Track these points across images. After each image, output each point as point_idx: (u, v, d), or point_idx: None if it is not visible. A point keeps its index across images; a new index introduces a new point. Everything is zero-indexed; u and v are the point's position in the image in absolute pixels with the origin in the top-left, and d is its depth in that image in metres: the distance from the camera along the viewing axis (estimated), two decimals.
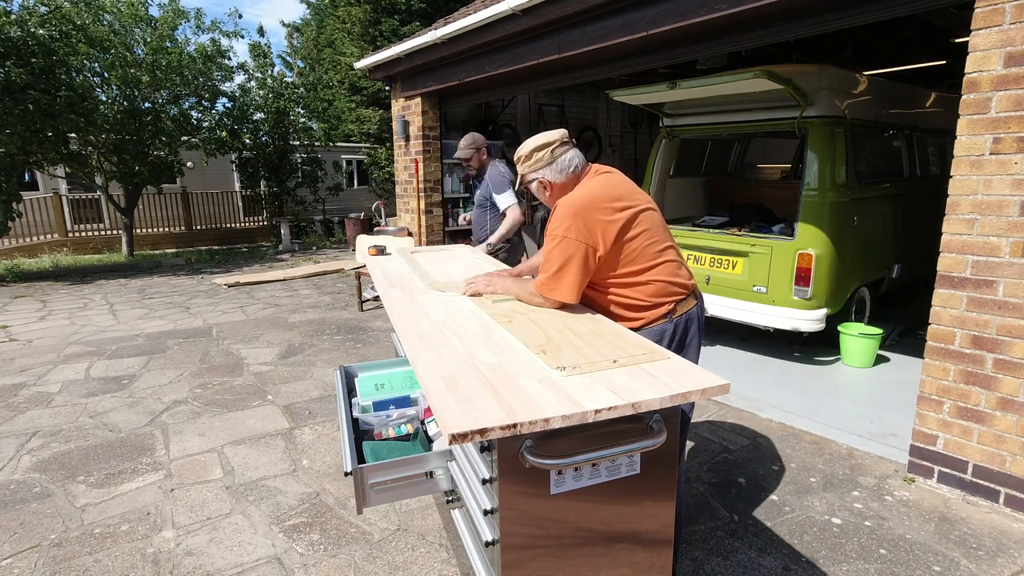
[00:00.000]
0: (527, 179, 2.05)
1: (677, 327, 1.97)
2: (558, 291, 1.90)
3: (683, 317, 1.97)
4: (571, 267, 1.86)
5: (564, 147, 1.99)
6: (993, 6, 2.41)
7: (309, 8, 16.55)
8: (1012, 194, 2.42)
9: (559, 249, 1.86)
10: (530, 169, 2.01)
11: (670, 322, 1.96)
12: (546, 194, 2.04)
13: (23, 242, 11.52)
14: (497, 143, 7.72)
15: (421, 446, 1.88)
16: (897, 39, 5.92)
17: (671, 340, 1.95)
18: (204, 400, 3.96)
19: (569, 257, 1.85)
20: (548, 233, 1.90)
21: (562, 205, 1.90)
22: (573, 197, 1.91)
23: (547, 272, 1.90)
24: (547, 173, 1.99)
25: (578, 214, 1.86)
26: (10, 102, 7.69)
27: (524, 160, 2.03)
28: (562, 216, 1.87)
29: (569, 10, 4.20)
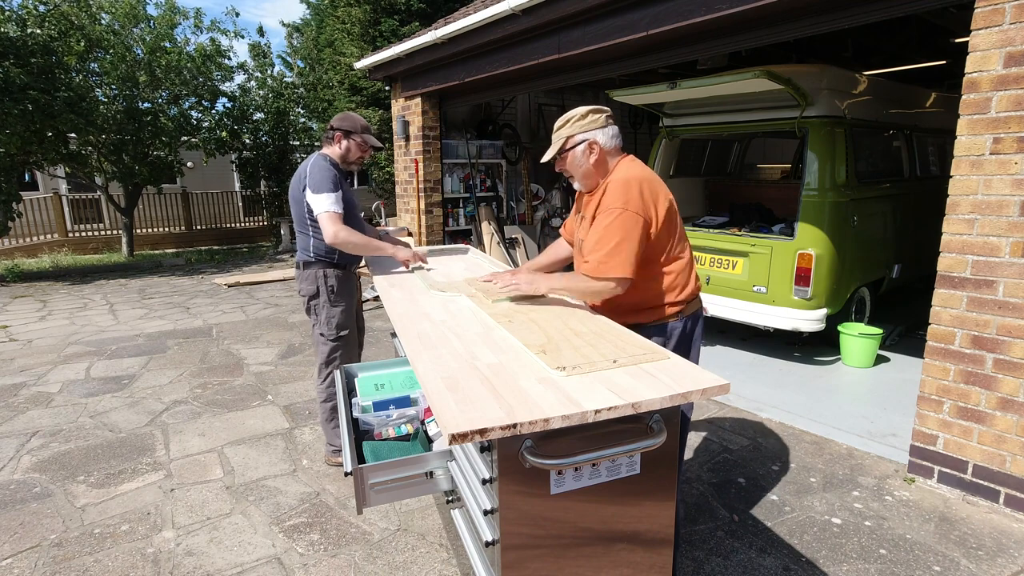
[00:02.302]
0: (575, 139, 1.94)
1: (687, 325, 1.97)
2: (615, 267, 1.81)
3: (692, 316, 1.98)
4: (629, 240, 1.80)
5: (613, 120, 2.00)
6: (993, 6, 2.40)
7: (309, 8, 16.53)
8: (1012, 194, 2.42)
9: (618, 222, 1.80)
10: (583, 128, 1.92)
11: (680, 320, 1.96)
12: (590, 159, 1.94)
13: (23, 242, 11.52)
14: (497, 143, 7.73)
15: (421, 446, 1.88)
16: (897, 39, 5.92)
17: (680, 338, 1.96)
18: (204, 400, 3.96)
19: (628, 231, 1.80)
20: (604, 209, 1.83)
21: (619, 180, 1.87)
22: (630, 173, 1.89)
23: (603, 249, 1.81)
24: (600, 135, 1.93)
25: (637, 187, 1.84)
26: (9, 102, 7.69)
27: (577, 120, 1.93)
28: (620, 190, 1.84)
29: (569, 10, 4.19)
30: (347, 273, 2.88)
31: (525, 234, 7.57)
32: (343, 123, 2.82)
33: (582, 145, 1.94)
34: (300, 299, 2.92)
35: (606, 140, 1.94)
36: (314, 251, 2.79)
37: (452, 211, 7.47)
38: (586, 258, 1.87)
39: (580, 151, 1.95)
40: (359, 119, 2.86)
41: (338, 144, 2.82)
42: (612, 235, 1.80)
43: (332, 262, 2.81)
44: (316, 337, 2.89)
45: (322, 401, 2.95)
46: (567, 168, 2.00)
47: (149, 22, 10.31)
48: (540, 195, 8.20)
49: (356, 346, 3.01)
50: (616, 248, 1.79)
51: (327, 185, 2.66)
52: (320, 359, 2.91)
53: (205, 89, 11.20)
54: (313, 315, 2.87)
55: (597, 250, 1.83)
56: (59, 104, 8.21)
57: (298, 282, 2.90)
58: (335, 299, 2.82)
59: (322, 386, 2.93)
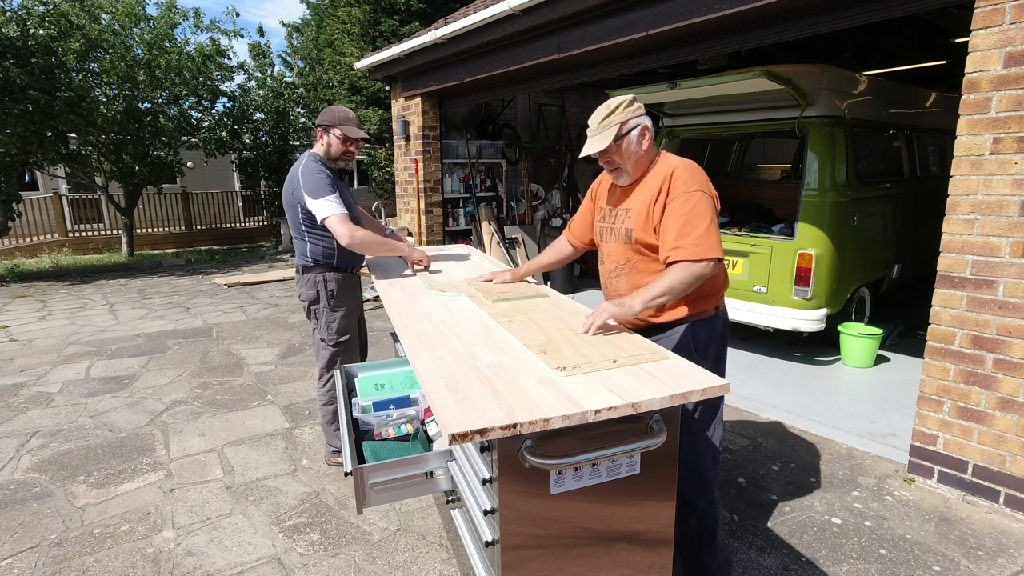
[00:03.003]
0: (629, 125, 1.89)
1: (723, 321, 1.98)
2: (712, 247, 1.77)
3: (724, 314, 1.99)
4: (715, 222, 1.81)
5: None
6: (993, 6, 2.40)
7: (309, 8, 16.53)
8: (1012, 194, 2.42)
9: (702, 204, 1.79)
10: (635, 114, 1.90)
11: (716, 316, 1.95)
12: (643, 144, 1.91)
13: (23, 242, 11.52)
14: (497, 143, 7.72)
15: (421, 446, 1.88)
16: (897, 39, 5.92)
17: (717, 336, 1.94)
18: (204, 400, 3.96)
19: (713, 212, 1.81)
20: (681, 192, 1.80)
21: (684, 164, 1.87)
22: (687, 160, 1.91)
23: (695, 231, 1.76)
24: (647, 121, 1.93)
25: (700, 172, 1.86)
26: (9, 102, 7.69)
27: (626, 106, 1.90)
28: (691, 172, 1.84)
29: (569, 10, 4.19)
30: (347, 276, 2.87)
31: (525, 234, 7.57)
32: (323, 117, 2.75)
33: (636, 130, 1.90)
34: (300, 302, 2.90)
35: (651, 126, 1.94)
36: (312, 255, 2.77)
37: (452, 211, 7.47)
38: (675, 244, 1.78)
39: (635, 136, 1.90)
40: (339, 111, 2.77)
41: (321, 140, 2.76)
42: (701, 216, 1.77)
43: (332, 266, 2.80)
44: (317, 342, 2.87)
45: (323, 404, 2.94)
46: (619, 156, 1.92)
47: (149, 22, 10.31)
48: (540, 195, 8.20)
49: (357, 350, 3.00)
50: (708, 229, 1.77)
51: (324, 188, 2.62)
52: (321, 363, 2.90)
53: (205, 89, 11.20)
54: (313, 319, 2.85)
55: (689, 233, 1.77)
56: (59, 104, 8.21)
57: (298, 287, 2.88)
58: (335, 304, 2.80)
59: (323, 390, 2.92)
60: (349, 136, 2.72)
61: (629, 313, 1.79)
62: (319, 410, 3.01)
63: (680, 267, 1.77)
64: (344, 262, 2.82)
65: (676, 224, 1.79)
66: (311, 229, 2.72)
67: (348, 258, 2.83)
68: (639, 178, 1.95)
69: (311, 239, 2.74)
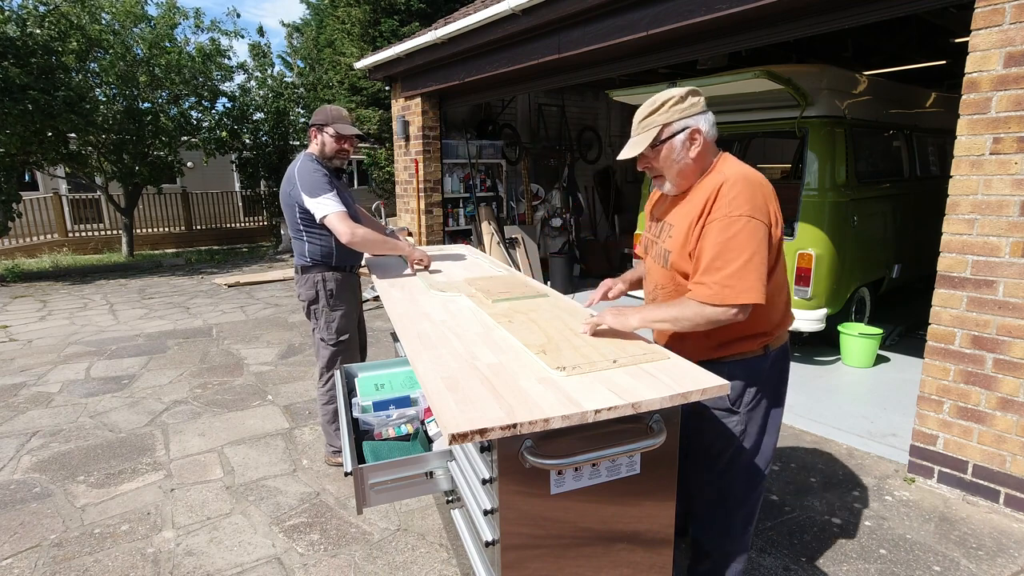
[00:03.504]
0: (673, 128, 1.58)
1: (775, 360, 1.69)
2: (743, 292, 1.46)
3: (779, 349, 1.71)
4: (759, 257, 1.47)
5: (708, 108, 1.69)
6: (993, 6, 2.40)
7: (309, 8, 16.54)
8: (1012, 194, 2.42)
9: (746, 234, 1.46)
10: (684, 114, 1.57)
11: (763, 358, 1.67)
12: (691, 151, 1.58)
13: (23, 242, 11.52)
14: (497, 143, 7.72)
15: (421, 446, 1.88)
16: (897, 39, 5.92)
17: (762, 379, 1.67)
18: (204, 400, 3.96)
19: (758, 244, 1.47)
20: (724, 215, 1.48)
21: (739, 178, 1.53)
22: (744, 170, 1.57)
23: (726, 268, 1.47)
24: (703, 122, 1.58)
25: (760, 189, 1.53)
26: (9, 102, 7.69)
27: (675, 103, 1.57)
28: (743, 191, 1.50)
29: (569, 10, 4.19)
30: (347, 276, 2.87)
31: (525, 234, 7.57)
32: (316, 117, 2.75)
33: (683, 134, 1.57)
34: (300, 302, 2.90)
35: (708, 128, 1.59)
36: (311, 255, 2.77)
37: (452, 211, 7.47)
38: (699, 278, 1.52)
39: (680, 141, 1.58)
40: (332, 109, 2.76)
41: (315, 140, 2.76)
42: (739, 250, 1.46)
43: (330, 265, 2.79)
44: (317, 342, 2.87)
45: (323, 404, 2.94)
46: (658, 164, 1.63)
47: (149, 22, 10.31)
48: (540, 195, 8.20)
49: (357, 349, 3.00)
50: (745, 267, 1.46)
51: (321, 187, 2.61)
52: (321, 363, 2.90)
53: (205, 89, 11.20)
54: (313, 319, 2.85)
55: (718, 269, 1.48)
56: (59, 104, 8.21)
57: (297, 287, 2.88)
58: (334, 303, 2.80)
59: (323, 389, 2.92)
60: (342, 134, 2.71)
61: (626, 327, 1.67)
62: (319, 410, 3.01)
63: (689, 305, 1.52)
64: (343, 261, 2.82)
65: (706, 254, 1.51)
66: (309, 229, 2.72)
67: (347, 257, 2.83)
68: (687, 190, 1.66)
69: (309, 239, 2.74)
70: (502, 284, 2.41)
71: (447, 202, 7.38)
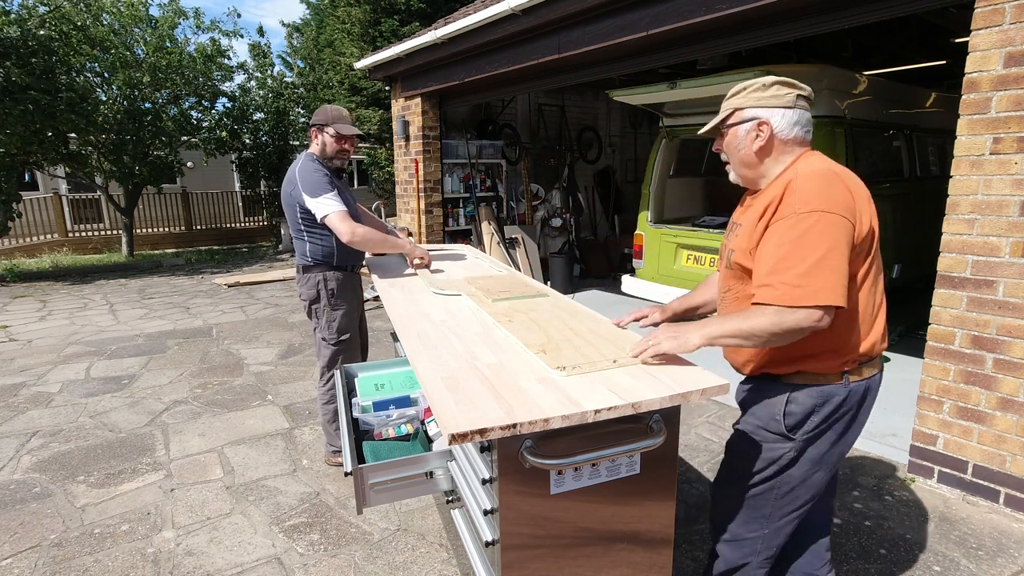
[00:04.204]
0: (743, 114, 1.49)
1: (852, 396, 1.46)
2: (819, 292, 1.29)
3: (863, 383, 1.47)
4: (836, 253, 1.30)
5: (808, 104, 1.51)
6: (993, 6, 2.40)
7: (309, 8, 16.54)
8: (1012, 194, 2.42)
9: (818, 230, 1.30)
10: (759, 102, 1.46)
11: (844, 386, 1.45)
12: (753, 143, 1.48)
13: (23, 242, 11.52)
14: (497, 143, 7.72)
15: (421, 446, 1.88)
16: (897, 39, 5.92)
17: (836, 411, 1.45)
18: (204, 400, 3.96)
19: (835, 240, 1.31)
20: (792, 212, 1.34)
21: (811, 173, 1.40)
22: (823, 166, 1.43)
23: (795, 268, 1.30)
24: (777, 117, 1.45)
25: (839, 181, 1.38)
26: (10, 102, 7.69)
27: (755, 90, 1.48)
28: (815, 184, 1.36)
29: (569, 10, 4.19)
30: (348, 275, 2.87)
31: (525, 234, 7.57)
32: (316, 117, 2.76)
33: (749, 124, 1.48)
34: (301, 301, 2.90)
35: (783, 125, 1.46)
36: (311, 255, 2.77)
37: (452, 211, 7.46)
38: (764, 279, 1.35)
39: (744, 130, 1.49)
40: (332, 109, 2.77)
41: (316, 140, 2.77)
42: (811, 247, 1.30)
43: (332, 265, 2.80)
44: (318, 341, 2.88)
45: (324, 403, 2.94)
46: (724, 148, 1.57)
47: (151, 23, 10.32)
48: (540, 195, 8.20)
49: (358, 349, 3.01)
50: (818, 265, 1.29)
51: (322, 186, 2.62)
52: (322, 363, 2.90)
53: (205, 89, 11.20)
54: (314, 319, 2.86)
55: (786, 268, 1.31)
56: (60, 104, 8.21)
57: (298, 286, 2.89)
58: (336, 303, 2.81)
59: (323, 389, 2.92)
60: (342, 134, 2.72)
61: (685, 348, 1.46)
62: (319, 409, 3.01)
63: (769, 312, 1.33)
64: (344, 261, 2.83)
65: (773, 255, 1.35)
66: (310, 229, 2.72)
67: (348, 257, 2.83)
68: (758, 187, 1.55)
69: (310, 239, 2.75)
70: (502, 284, 2.41)
71: (447, 202, 7.38)
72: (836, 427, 1.48)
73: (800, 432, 1.47)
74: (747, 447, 1.57)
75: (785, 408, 1.48)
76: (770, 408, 1.51)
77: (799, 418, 1.47)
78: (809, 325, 1.31)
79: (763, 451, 1.53)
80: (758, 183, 1.53)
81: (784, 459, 1.50)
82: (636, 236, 5.46)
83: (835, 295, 1.29)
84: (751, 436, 1.56)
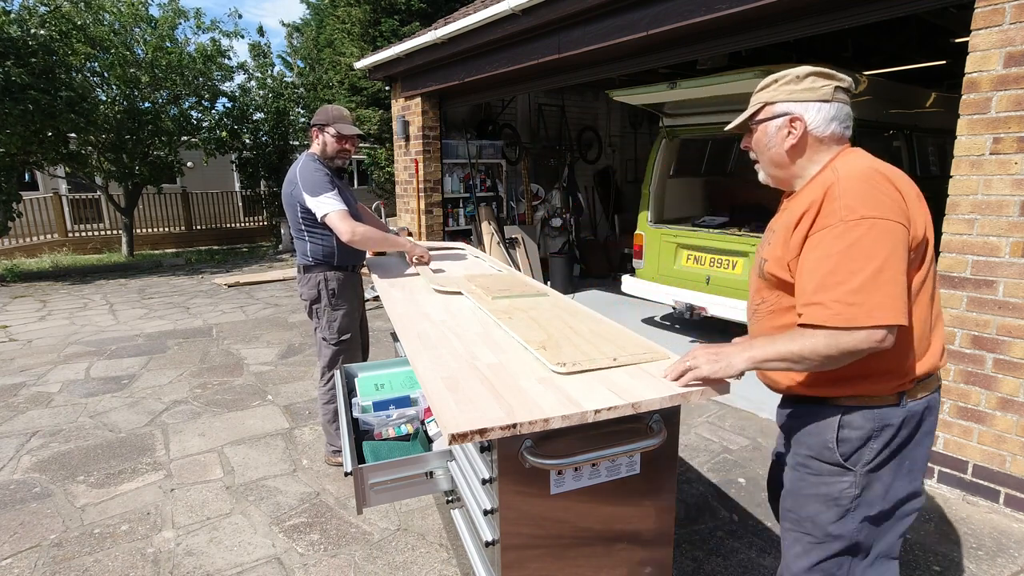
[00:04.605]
0: (774, 109, 1.36)
1: (910, 418, 1.29)
2: (880, 307, 1.13)
3: (921, 402, 1.31)
4: (893, 263, 1.15)
5: (848, 97, 1.38)
6: (993, 6, 2.40)
7: (309, 8, 16.54)
8: (1012, 194, 2.42)
9: (872, 236, 1.15)
10: (792, 96, 1.34)
11: (902, 407, 1.28)
12: (785, 141, 1.35)
13: (23, 242, 11.52)
14: (497, 143, 7.73)
15: (421, 446, 1.88)
16: (897, 39, 5.92)
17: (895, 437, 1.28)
18: (204, 400, 3.96)
19: (892, 249, 1.15)
20: (838, 220, 1.18)
21: (857, 173, 1.23)
22: (866, 165, 1.26)
23: (848, 283, 1.15)
24: (811, 112, 1.33)
25: (886, 182, 1.22)
26: (10, 102, 7.70)
27: (788, 82, 1.35)
28: (859, 191, 1.19)
29: (569, 10, 4.19)
30: (349, 275, 2.87)
31: (525, 234, 7.57)
32: (317, 117, 2.76)
33: (780, 120, 1.35)
34: (302, 301, 2.90)
35: (818, 121, 1.33)
36: (312, 255, 2.78)
37: (452, 211, 7.46)
38: (812, 298, 1.20)
39: (775, 127, 1.36)
40: (333, 109, 2.77)
41: (317, 140, 2.77)
42: (863, 258, 1.15)
43: (333, 265, 2.80)
44: (319, 341, 2.88)
45: (324, 403, 2.94)
46: (752, 146, 1.44)
47: (151, 22, 10.32)
48: (540, 195, 8.20)
49: (359, 349, 3.01)
50: (874, 279, 1.14)
51: (323, 186, 2.62)
52: (323, 362, 2.90)
53: (205, 89, 11.21)
54: (315, 319, 2.86)
55: (836, 284, 1.16)
56: (60, 104, 8.21)
57: (299, 286, 2.89)
58: (336, 303, 2.81)
59: (324, 389, 2.92)
60: (343, 134, 2.73)
61: (728, 372, 1.32)
62: (320, 409, 3.01)
63: (821, 335, 1.18)
64: (345, 261, 2.83)
65: (818, 269, 1.19)
66: (311, 228, 2.72)
67: (349, 257, 2.83)
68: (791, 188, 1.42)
69: (311, 238, 2.75)
70: (502, 282, 2.41)
71: (447, 202, 7.37)
72: (899, 456, 1.30)
73: (859, 463, 1.29)
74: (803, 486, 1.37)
75: (839, 433, 1.30)
76: (821, 434, 1.33)
77: (856, 444, 1.29)
78: (869, 347, 1.16)
79: (821, 489, 1.34)
80: (792, 184, 1.41)
81: (846, 496, 1.31)
82: (636, 236, 5.46)
83: (896, 312, 1.14)
84: (805, 470, 1.37)
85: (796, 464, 1.40)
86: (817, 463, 1.34)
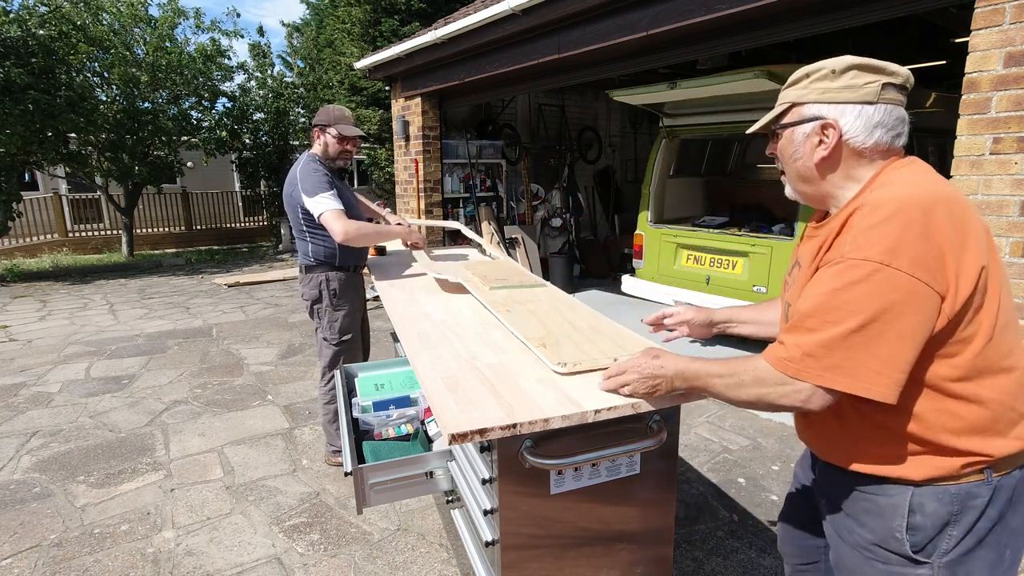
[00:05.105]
0: (803, 112, 1.10)
1: (1000, 492, 1.03)
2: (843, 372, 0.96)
3: (1014, 476, 1.04)
4: (891, 326, 0.94)
5: (902, 96, 1.07)
6: (993, 6, 2.40)
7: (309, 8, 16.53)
8: (1012, 194, 2.41)
9: (869, 287, 0.94)
10: (825, 96, 1.07)
11: (987, 483, 1.02)
12: (815, 152, 1.09)
13: (23, 242, 11.52)
14: (497, 143, 7.73)
15: (421, 446, 1.88)
16: (897, 39, 5.92)
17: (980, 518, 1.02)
18: (204, 400, 3.96)
19: (885, 309, 0.93)
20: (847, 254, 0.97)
21: (884, 203, 0.98)
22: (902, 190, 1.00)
23: (832, 330, 0.96)
24: (850, 117, 1.05)
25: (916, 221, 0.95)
26: (10, 102, 7.70)
27: (821, 78, 1.08)
28: (878, 223, 0.96)
29: (569, 10, 4.19)
30: (350, 276, 2.87)
31: (525, 234, 7.57)
32: (318, 117, 2.77)
33: (810, 125, 1.09)
34: (302, 301, 2.91)
35: (857, 128, 1.05)
36: (314, 255, 2.78)
37: (452, 211, 7.46)
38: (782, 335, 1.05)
39: (803, 133, 1.10)
40: (334, 110, 2.78)
41: (318, 140, 2.78)
42: (848, 309, 0.95)
43: (334, 265, 2.80)
44: (320, 341, 2.88)
45: (325, 403, 2.94)
46: (778, 153, 1.19)
47: (151, 22, 10.32)
48: (540, 195, 8.20)
49: (360, 349, 3.01)
50: (852, 337, 0.95)
51: (321, 186, 2.62)
52: (323, 363, 2.90)
53: (205, 89, 11.20)
54: (316, 319, 2.86)
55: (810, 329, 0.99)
56: (60, 104, 8.22)
57: (300, 286, 2.89)
58: (337, 303, 2.81)
59: (324, 389, 2.93)
60: (345, 135, 2.73)
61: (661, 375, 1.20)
62: (320, 409, 3.01)
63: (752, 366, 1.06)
64: (346, 261, 2.83)
65: (807, 303, 1.01)
66: (312, 229, 2.72)
67: (350, 257, 2.83)
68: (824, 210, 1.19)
69: (312, 239, 2.75)
70: (499, 271, 2.44)
71: (447, 202, 7.37)
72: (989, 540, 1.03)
73: (936, 553, 1.04)
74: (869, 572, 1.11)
75: (908, 520, 1.04)
76: (885, 519, 1.07)
77: (930, 533, 1.04)
78: (790, 404, 1.01)
79: None
80: (825, 203, 1.15)
81: None
82: (636, 236, 5.46)
83: (866, 383, 0.95)
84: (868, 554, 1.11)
85: (857, 545, 1.13)
86: (883, 551, 1.09)
